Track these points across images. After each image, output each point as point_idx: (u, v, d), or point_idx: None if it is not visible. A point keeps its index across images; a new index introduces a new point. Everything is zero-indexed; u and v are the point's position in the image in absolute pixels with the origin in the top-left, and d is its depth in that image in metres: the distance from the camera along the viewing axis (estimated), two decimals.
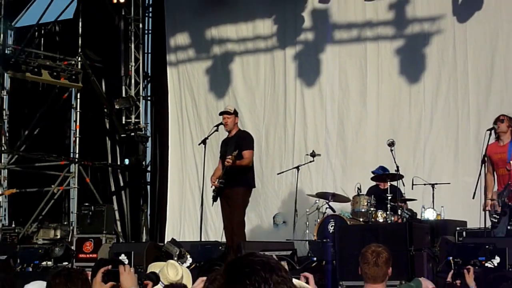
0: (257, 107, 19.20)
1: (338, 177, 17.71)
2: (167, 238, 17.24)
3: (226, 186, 13.30)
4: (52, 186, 20.50)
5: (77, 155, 21.14)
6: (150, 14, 21.87)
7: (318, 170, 17.56)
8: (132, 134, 21.08)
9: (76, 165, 20.94)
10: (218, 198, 13.68)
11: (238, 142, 13.39)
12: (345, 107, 18.45)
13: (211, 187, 13.78)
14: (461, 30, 17.35)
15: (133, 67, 21.34)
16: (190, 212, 19.56)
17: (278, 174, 17.57)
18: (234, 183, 13.30)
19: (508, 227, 12.05)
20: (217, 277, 2.27)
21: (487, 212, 12.14)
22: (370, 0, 18.31)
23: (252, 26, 19.75)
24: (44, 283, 6.16)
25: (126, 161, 21.00)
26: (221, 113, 14.06)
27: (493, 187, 12.07)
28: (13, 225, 20.75)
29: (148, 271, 7.11)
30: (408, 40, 17.91)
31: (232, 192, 13.37)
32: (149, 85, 21.86)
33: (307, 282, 5.51)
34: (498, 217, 11.91)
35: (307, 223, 16.28)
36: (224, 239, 14.09)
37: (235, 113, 13.89)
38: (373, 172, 15.52)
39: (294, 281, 3.32)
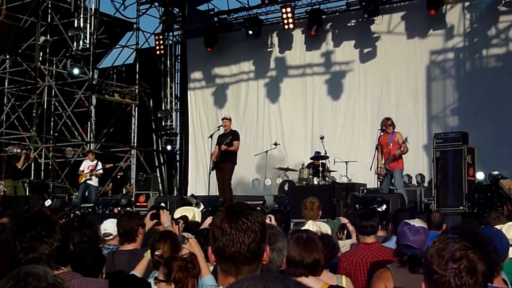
0: (240, 115, 19.13)
1: (291, 157, 17.64)
2: (189, 193, 17.28)
3: (220, 162, 13.11)
4: (120, 162, 20.53)
5: (135, 144, 21.18)
6: (179, 60, 21.76)
7: (278, 153, 17.56)
8: (168, 131, 21.07)
9: (135, 150, 20.98)
10: (215, 169, 13.49)
11: (231, 136, 13.32)
12: (294, 115, 18.50)
13: (211, 161, 13.72)
14: (363, 70, 17.43)
15: (168, 92, 21.26)
16: (201, 178, 19.46)
17: (254, 155, 17.59)
18: (225, 160, 13.05)
19: (390, 187, 12.09)
20: (219, 213, 2.27)
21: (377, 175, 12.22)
22: (309, 51, 18.40)
23: (239, 66, 19.74)
24: (115, 220, 6.17)
25: (169, 147, 21.06)
26: (223, 118, 13.89)
27: (381, 161, 12.09)
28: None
29: (175, 214, 7.10)
30: (331, 75, 17.99)
31: (224, 166, 13.10)
32: (178, 103, 21.72)
33: (271, 220, 5.57)
34: (382, 178, 11.95)
35: (272, 184, 16.39)
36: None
37: (230, 119, 13.80)
38: (312, 157, 15.57)
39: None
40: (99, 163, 16.08)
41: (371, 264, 4.84)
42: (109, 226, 5.85)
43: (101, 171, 16.07)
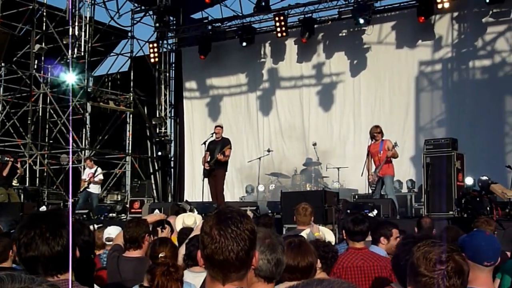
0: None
1: (284, 164, 17.72)
2: (183, 200, 17.28)
3: (213, 169, 13.10)
4: (115, 169, 20.51)
5: (130, 151, 21.16)
6: (173, 68, 21.81)
7: (272, 160, 17.60)
8: (162, 138, 21.08)
9: (129, 156, 20.95)
10: (208, 176, 13.41)
11: (223, 144, 13.28)
12: (287, 125, 18.55)
13: (203, 168, 13.49)
14: (356, 80, 17.57)
15: (163, 99, 21.30)
16: (196, 184, 19.38)
17: (248, 162, 17.62)
18: (217, 167, 13.03)
19: (382, 193, 12.12)
20: (209, 219, 2.20)
21: (369, 183, 12.26)
22: (301, 63, 18.49)
23: (233, 77, 19.82)
24: (118, 227, 6.10)
25: (163, 154, 21.03)
26: (216, 126, 13.81)
27: (371, 168, 12.13)
28: None
29: (177, 221, 6.92)
30: (324, 86, 18.14)
31: (216, 173, 13.07)
32: (172, 110, 21.75)
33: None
34: (375, 186, 12.02)
35: (265, 190, 16.41)
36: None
37: (222, 127, 13.75)
38: (304, 164, 15.61)
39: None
40: (99, 169, 16.04)
41: (374, 279, 4.88)
42: (112, 231, 5.84)
43: (100, 177, 16.03)
